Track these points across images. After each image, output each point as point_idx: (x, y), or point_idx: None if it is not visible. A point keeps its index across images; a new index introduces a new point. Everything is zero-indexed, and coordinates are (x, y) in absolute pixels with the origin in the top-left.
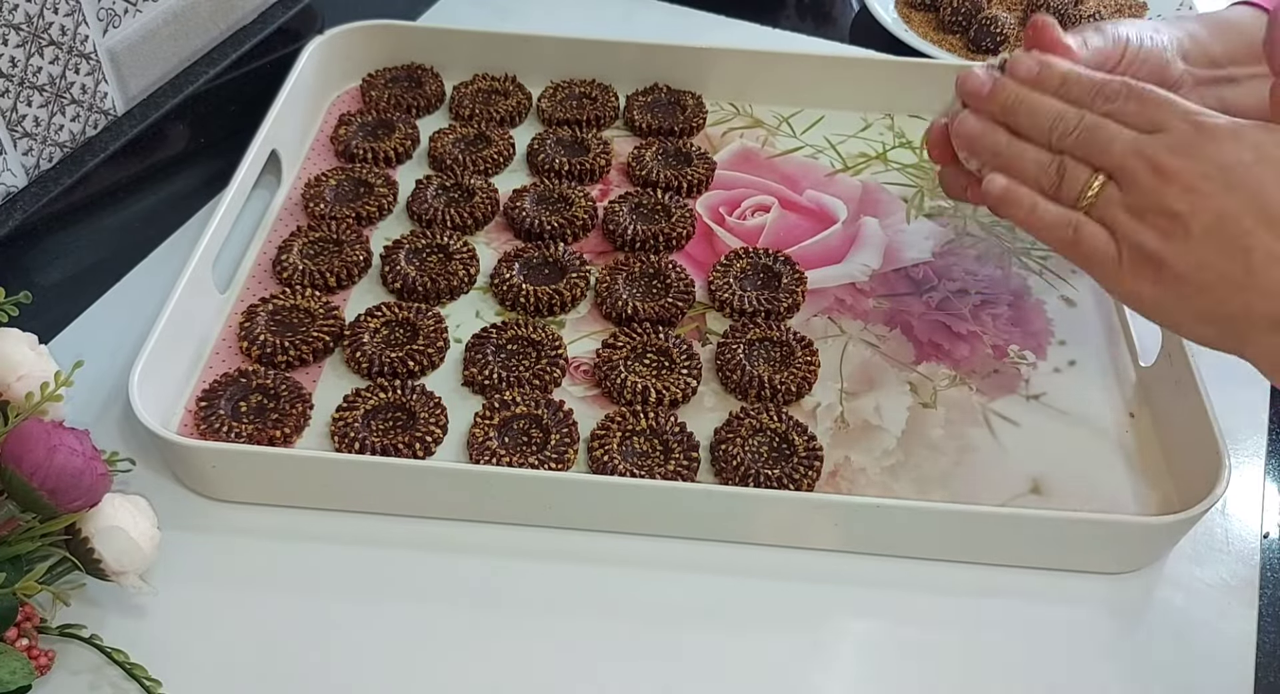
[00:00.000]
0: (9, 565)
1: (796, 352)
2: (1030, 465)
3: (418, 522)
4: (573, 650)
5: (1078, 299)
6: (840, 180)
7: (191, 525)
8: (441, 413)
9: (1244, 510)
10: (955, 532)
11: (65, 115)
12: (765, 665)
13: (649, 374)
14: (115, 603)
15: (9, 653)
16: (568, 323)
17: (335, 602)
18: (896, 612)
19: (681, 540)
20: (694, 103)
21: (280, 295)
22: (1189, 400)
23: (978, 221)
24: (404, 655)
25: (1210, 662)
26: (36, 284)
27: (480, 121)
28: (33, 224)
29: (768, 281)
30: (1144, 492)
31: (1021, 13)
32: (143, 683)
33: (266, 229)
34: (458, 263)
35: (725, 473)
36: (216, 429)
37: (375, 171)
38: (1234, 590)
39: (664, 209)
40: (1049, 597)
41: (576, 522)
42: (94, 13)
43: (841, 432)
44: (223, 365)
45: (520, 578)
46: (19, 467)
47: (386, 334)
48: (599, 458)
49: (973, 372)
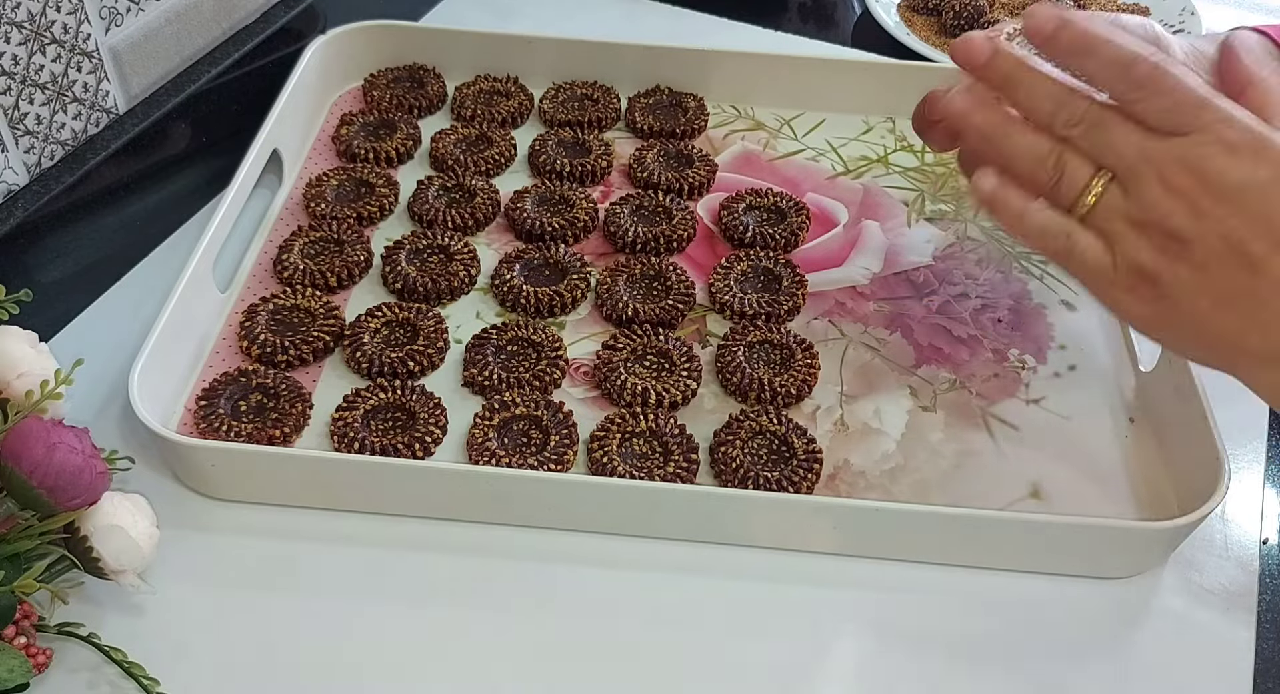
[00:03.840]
0: (7, 563)
1: (796, 354)
2: (1030, 470)
3: (416, 522)
4: (572, 651)
5: (1078, 304)
6: (841, 183)
7: (190, 524)
8: (441, 413)
9: (1243, 516)
10: (954, 536)
11: (67, 113)
12: (764, 668)
13: (649, 376)
14: (114, 601)
15: (7, 651)
16: (568, 324)
17: (334, 601)
18: (895, 615)
19: (680, 543)
20: (695, 105)
21: (281, 295)
22: (1189, 406)
23: (979, 225)
24: (403, 655)
25: (1209, 667)
26: (37, 282)
27: (482, 122)
28: (34, 222)
29: (768, 284)
30: (1143, 497)
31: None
32: (140, 682)
33: (267, 229)
34: (458, 263)
35: (724, 475)
36: (216, 428)
37: (376, 172)
38: (1233, 596)
39: (665, 211)
40: (1048, 601)
41: (576, 523)
42: (96, 11)
43: (841, 435)
44: (223, 364)
45: (519, 579)
46: (18, 464)
47: (387, 334)
48: (598, 459)
49: (973, 375)
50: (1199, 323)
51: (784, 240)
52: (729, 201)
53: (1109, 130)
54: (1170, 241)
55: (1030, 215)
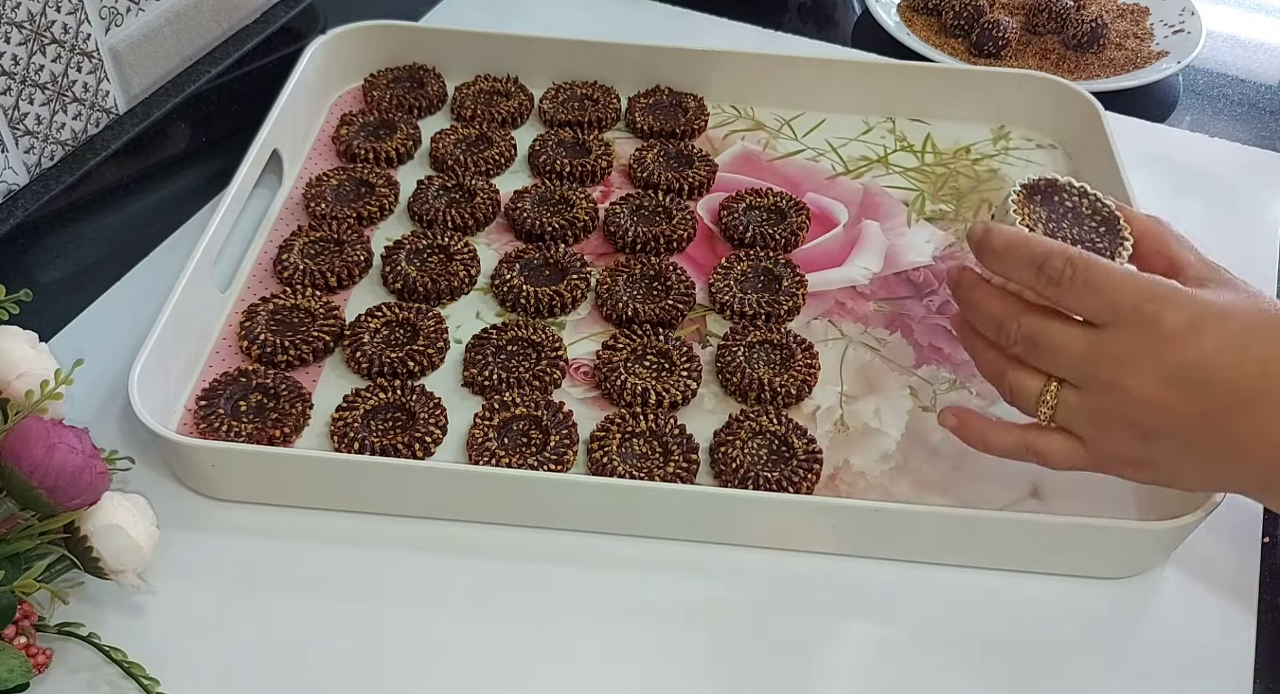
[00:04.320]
0: (8, 563)
1: (796, 354)
2: (1030, 470)
3: (416, 522)
4: (572, 651)
5: None
6: (841, 183)
7: (190, 524)
8: (441, 413)
9: (1243, 516)
10: (954, 536)
11: (67, 113)
12: (764, 668)
13: (649, 376)
14: (114, 601)
15: (7, 651)
16: (568, 324)
17: (334, 601)
18: (895, 615)
19: (680, 543)
20: (696, 105)
21: (281, 295)
22: None
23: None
24: (402, 655)
25: (1209, 668)
26: (37, 282)
27: (482, 122)
28: (34, 222)
29: (768, 284)
30: (1143, 497)
31: (1024, 17)
32: (140, 681)
33: (267, 228)
34: (458, 263)
35: (724, 475)
36: (216, 428)
37: (376, 172)
38: (1234, 597)
39: (665, 211)
40: (1048, 601)
41: (575, 523)
42: (96, 11)
43: (841, 435)
44: (223, 364)
45: (519, 579)
46: (18, 464)
47: (387, 334)
48: (598, 459)
49: (973, 375)
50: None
51: (784, 240)
52: (729, 201)
53: (1046, 340)
54: (1136, 431)
55: (990, 441)
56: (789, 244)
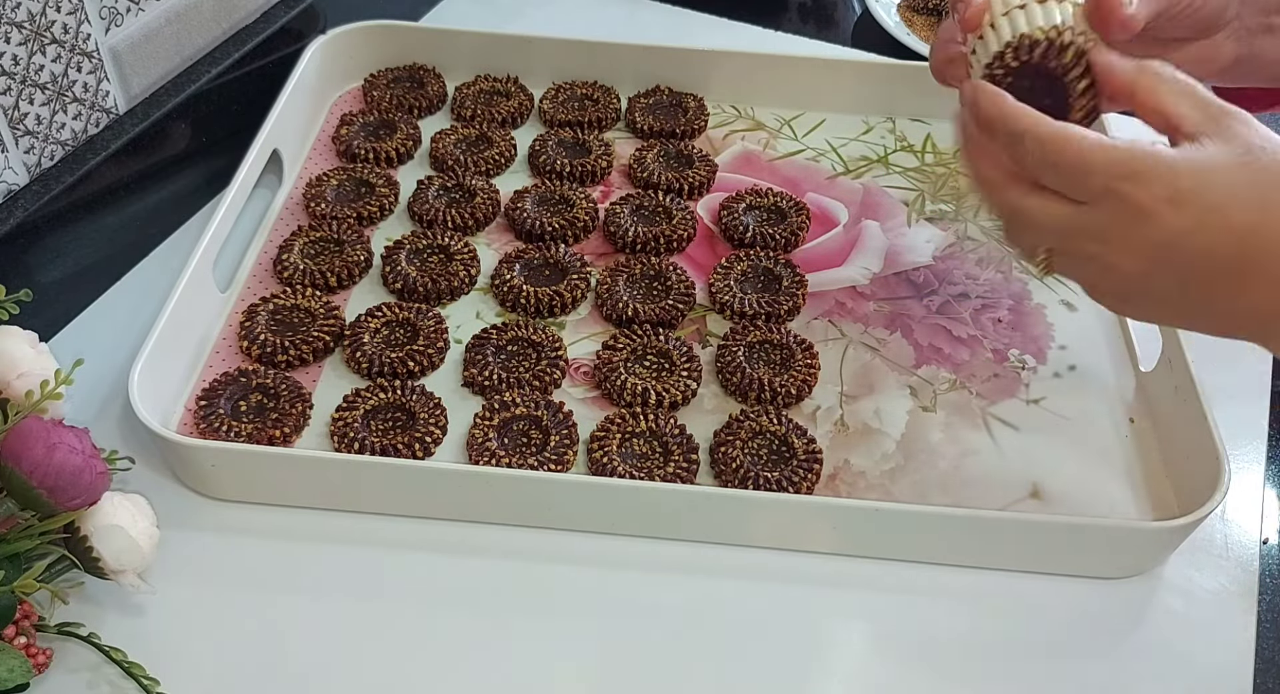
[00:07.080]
0: (8, 563)
1: (796, 354)
2: (1030, 470)
3: (417, 522)
4: (571, 651)
5: (1078, 304)
6: (841, 183)
7: (190, 524)
8: (441, 413)
9: (1243, 516)
10: (954, 536)
11: (67, 113)
12: (764, 668)
13: (649, 376)
14: (114, 601)
15: (7, 651)
16: (568, 324)
17: (334, 601)
18: (895, 615)
19: (680, 543)
20: (696, 105)
21: (281, 295)
22: (1189, 406)
23: (978, 225)
24: (402, 655)
25: (1209, 667)
26: (37, 282)
27: (482, 122)
28: (34, 222)
29: (768, 284)
30: (1143, 497)
31: None
32: (140, 681)
33: (267, 229)
34: (458, 263)
35: (724, 475)
36: (216, 428)
37: (377, 172)
38: (1233, 596)
39: (665, 211)
40: (1048, 601)
41: (575, 523)
42: (96, 11)
43: (841, 435)
44: (223, 364)
45: (519, 579)
46: (18, 464)
47: (387, 334)
48: (598, 459)
49: (973, 376)
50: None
51: (784, 240)
52: (729, 201)
53: (1024, 219)
54: (1122, 292)
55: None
56: (789, 244)
